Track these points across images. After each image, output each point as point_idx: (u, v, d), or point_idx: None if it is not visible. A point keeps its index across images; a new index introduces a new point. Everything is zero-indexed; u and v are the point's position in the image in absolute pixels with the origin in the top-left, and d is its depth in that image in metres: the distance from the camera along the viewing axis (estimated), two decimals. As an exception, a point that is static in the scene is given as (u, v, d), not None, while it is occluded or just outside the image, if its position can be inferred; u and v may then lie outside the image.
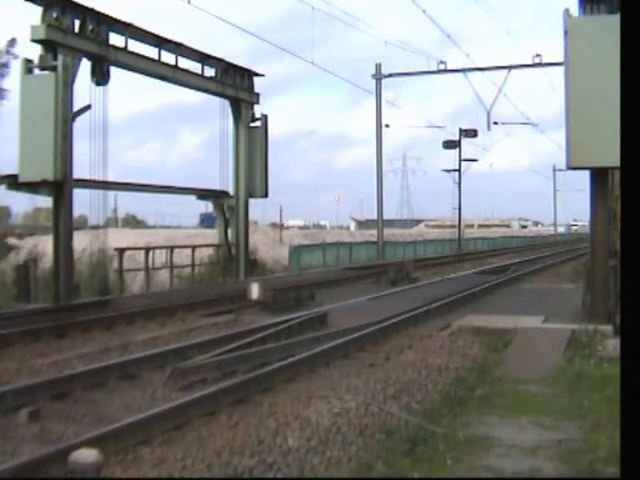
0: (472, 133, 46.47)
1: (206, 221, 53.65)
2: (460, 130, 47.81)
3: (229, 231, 22.20)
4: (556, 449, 6.14)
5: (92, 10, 15.91)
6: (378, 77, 35.12)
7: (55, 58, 15.13)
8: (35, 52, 15.22)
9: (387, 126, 36.39)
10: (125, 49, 17.24)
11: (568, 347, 10.45)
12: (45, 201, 16.62)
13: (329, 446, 6.08)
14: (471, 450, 6.09)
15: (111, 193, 21.23)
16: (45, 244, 20.66)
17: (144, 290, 19.05)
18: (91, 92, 16.21)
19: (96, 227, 17.25)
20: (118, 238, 23.65)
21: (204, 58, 20.50)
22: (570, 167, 12.10)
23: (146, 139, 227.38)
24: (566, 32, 11.94)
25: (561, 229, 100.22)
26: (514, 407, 7.62)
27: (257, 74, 22.74)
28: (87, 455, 4.56)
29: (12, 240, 33.24)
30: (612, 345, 9.85)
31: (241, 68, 22.07)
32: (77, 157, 15.76)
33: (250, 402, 7.60)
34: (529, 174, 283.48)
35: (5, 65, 25.69)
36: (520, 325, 11.86)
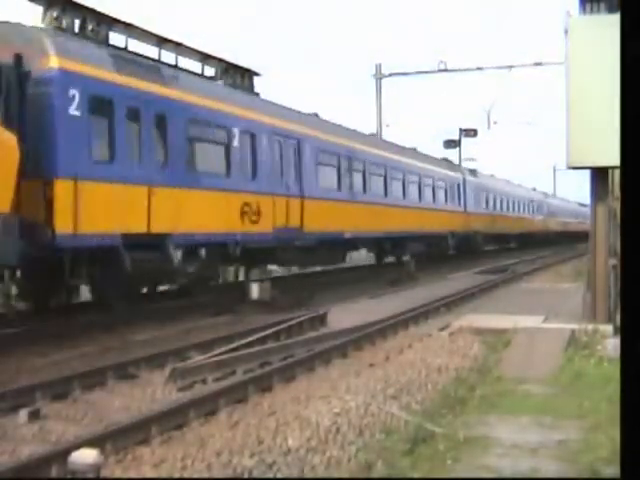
0: (472, 133, 46.46)
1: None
2: (460, 130, 47.80)
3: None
4: (556, 449, 6.13)
5: (92, 10, 15.89)
6: (378, 77, 35.18)
7: (55, 58, 15.09)
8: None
9: (387, 126, 36.55)
10: (125, 49, 17.21)
11: (568, 347, 10.43)
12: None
13: (329, 446, 6.07)
14: (471, 450, 6.08)
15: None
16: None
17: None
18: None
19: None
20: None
21: (204, 58, 20.47)
22: (570, 167, 12.09)
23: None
24: (566, 31, 11.92)
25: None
26: (514, 407, 7.60)
27: (257, 74, 22.70)
28: (87, 455, 4.58)
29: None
30: (612, 345, 9.84)
31: (241, 68, 22.02)
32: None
33: (250, 402, 7.60)
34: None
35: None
36: (520, 325, 11.83)
